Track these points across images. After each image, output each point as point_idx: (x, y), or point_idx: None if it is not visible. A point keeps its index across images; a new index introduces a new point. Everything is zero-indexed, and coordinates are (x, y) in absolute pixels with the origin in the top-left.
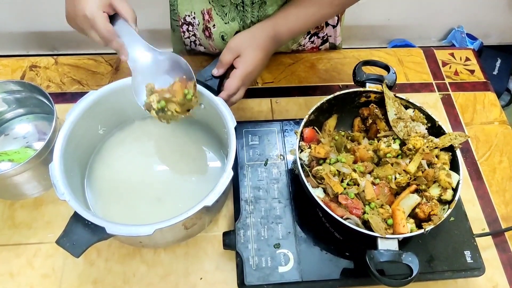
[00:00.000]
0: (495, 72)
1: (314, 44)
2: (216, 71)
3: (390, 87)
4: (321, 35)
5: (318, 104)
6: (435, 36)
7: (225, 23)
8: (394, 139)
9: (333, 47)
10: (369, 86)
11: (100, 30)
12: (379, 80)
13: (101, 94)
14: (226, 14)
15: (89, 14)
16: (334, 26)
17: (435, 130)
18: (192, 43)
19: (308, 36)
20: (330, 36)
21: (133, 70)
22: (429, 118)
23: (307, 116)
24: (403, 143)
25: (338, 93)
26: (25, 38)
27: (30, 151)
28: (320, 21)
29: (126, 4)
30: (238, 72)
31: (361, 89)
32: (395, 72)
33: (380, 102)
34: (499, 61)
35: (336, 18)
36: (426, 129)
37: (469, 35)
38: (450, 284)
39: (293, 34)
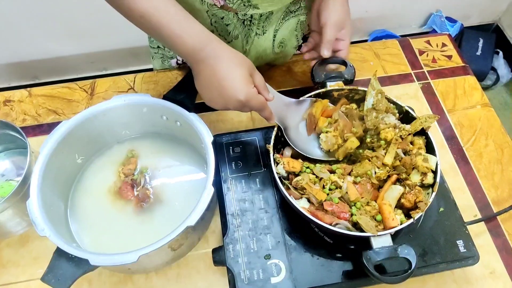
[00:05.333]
0: (478, 53)
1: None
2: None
3: (350, 81)
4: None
5: None
6: (415, 23)
7: (228, 42)
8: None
9: None
10: (330, 85)
11: (255, 106)
12: (339, 76)
13: (74, 123)
14: (229, 33)
15: (244, 98)
16: None
17: (404, 116)
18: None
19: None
20: None
21: (285, 128)
22: (399, 106)
23: (274, 133)
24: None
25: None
26: (5, 70)
27: (14, 183)
28: None
29: (258, 74)
30: (347, 43)
31: (322, 90)
32: (352, 65)
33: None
34: (481, 41)
35: None
36: (399, 119)
37: (448, 18)
38: (447, 275)
39: None
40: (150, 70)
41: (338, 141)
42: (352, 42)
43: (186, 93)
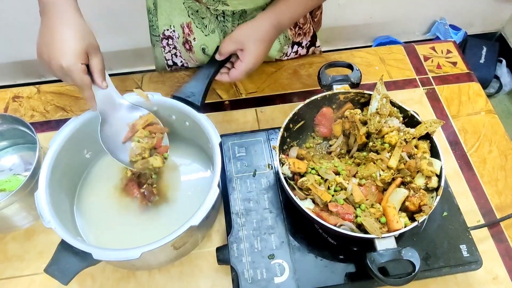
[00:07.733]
0: (481, 61)
1: (298, 54)
2: (218, 57)
3: (356, 85)
4: (304, 43)
5: (286, 122)
6: (419, 30)
7: (206, 35)
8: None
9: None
10: (336, 88)
11: (75, 81)
12: (345, 80)
13: (83, 120)
14: (206, 26)
15: (65, 66)
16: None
17: (409, 120)
18: (173, 55)
19: (291, 45)
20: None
21: (103, 121)
22: (404, 110)
23: (280, 134)
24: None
25: (301, 104)
26: (11, 68)
27: (21, 177)
28: (319, 2)
29: (99, 57)
30: (243, 66)
31: (329, 92)
32: (358, 69)
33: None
34: (484, 49)
35: (312, 29)
36: (403, 122)
37: (452, 26)
38: (449, 280)
39: (294, 20)
40: (155, 71)
41: (143, 153)
42: (357, 47)
43: (194, 93)
